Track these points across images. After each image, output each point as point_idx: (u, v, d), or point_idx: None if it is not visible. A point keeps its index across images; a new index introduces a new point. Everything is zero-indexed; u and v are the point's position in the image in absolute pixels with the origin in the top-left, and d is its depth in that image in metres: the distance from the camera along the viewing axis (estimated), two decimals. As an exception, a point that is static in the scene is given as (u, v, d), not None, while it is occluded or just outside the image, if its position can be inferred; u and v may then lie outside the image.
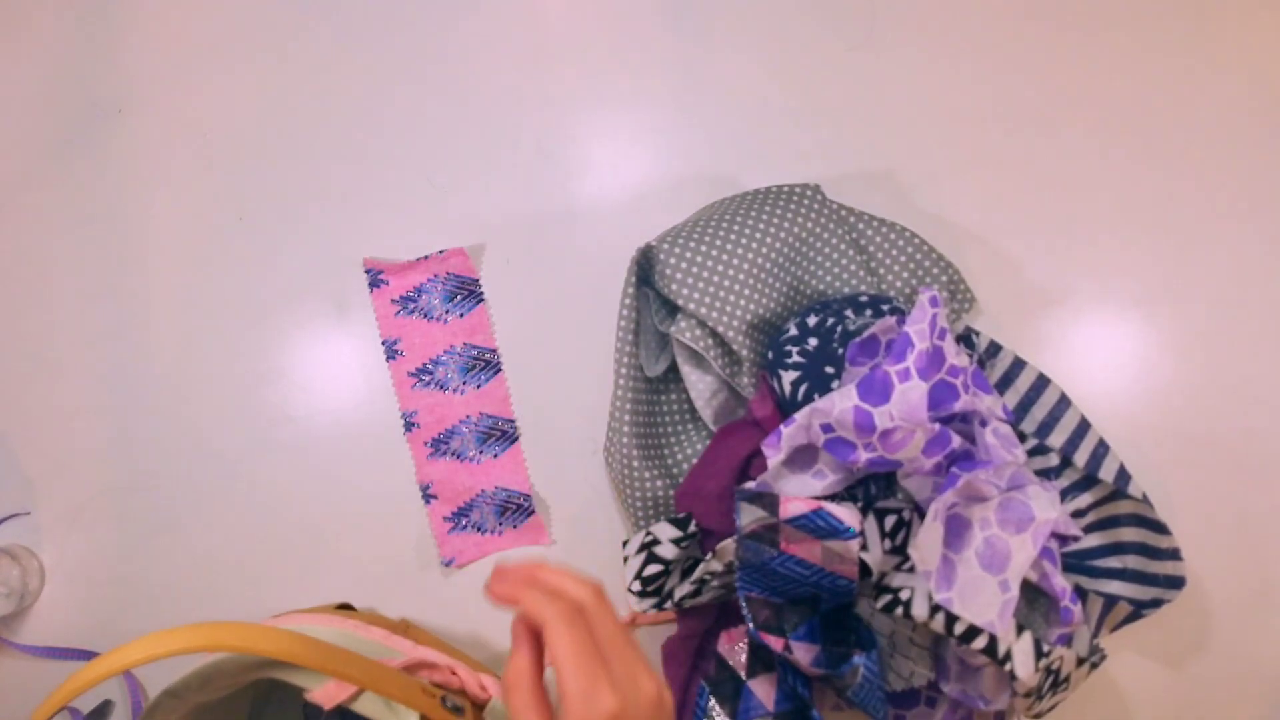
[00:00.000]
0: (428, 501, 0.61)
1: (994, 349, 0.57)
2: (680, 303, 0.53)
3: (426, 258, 0.62)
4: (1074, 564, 0.55)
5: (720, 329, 0.52)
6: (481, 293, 0.63)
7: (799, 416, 0.48)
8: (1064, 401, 0.56)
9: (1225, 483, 0.58)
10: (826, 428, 0.48)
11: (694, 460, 0.57)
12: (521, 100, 0.65)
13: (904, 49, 0.64)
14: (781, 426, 0.49)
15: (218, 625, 0.37)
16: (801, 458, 0.51)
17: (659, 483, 0.54)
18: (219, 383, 0.63)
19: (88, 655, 0.60)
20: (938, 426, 0.47)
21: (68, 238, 0.65)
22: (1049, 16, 0.64)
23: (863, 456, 0.47)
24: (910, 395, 0.46)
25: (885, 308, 0.53)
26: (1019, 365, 0.57)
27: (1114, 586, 0.53)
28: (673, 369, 0.57)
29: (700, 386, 0.56)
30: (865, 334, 0.51)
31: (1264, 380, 0.59)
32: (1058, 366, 0.60)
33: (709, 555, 0.50)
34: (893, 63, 0.64)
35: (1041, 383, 0.56)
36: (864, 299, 0.54)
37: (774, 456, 0.49)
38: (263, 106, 0.66)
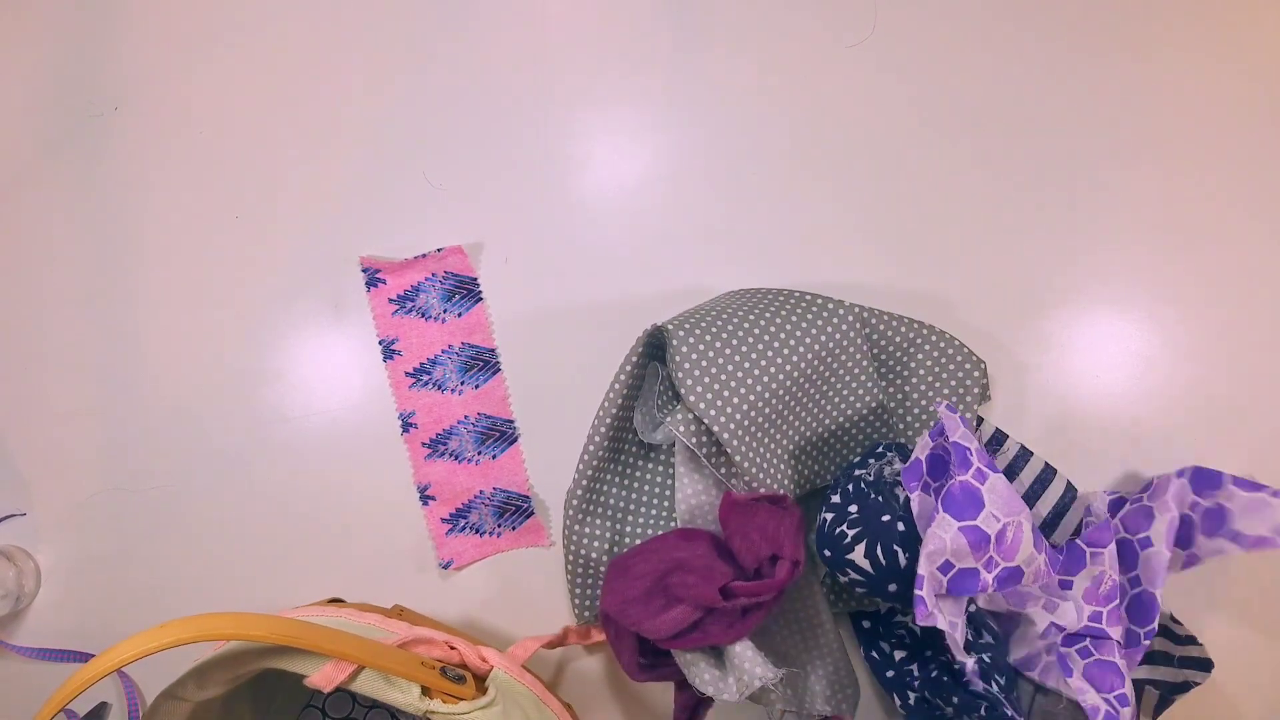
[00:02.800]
0: (425, 503, 0.60)
1: (999, 438, 0.57)
2: (683, 393, 0.50)
3: (424, 256, 0.62)
4: None
5: (716, 429, 0.49)
6: (480, 292, 0.62)
7: (922, 572, 0.45)
8: (1070, 491, 0.56)
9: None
10: (945, 567, 0.45)
11: (643, 536, 0.56)
12: (521, 98, 0.65)
13: (905, 46, 0.64)
14: (919, 595, 0.45)
15: (208, 616, 0.36)
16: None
17: (599, 544, 0.55)
18: (215, 383, 0.62)
19: (84, 657, 0.59)
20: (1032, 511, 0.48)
21: (63, 237, 0.65)
22: (1053, 12, 0.64)
23: (988, 577, 0.45)
24: (998, 489, 0.45)
25: (892, 453, 0.52)
26: (1023, 456, 0.57)
27: (1142, 671, 0.53)
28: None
29: (685, 481, 0.54)
30: (909, 461, 0.49)
31: (1269, 380, 0.59)
32: (1060, 366, 0.59)
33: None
34: (893, 59, 0.64)
35: (1048, 474, 0.56)
36: (879, 449, 0.53)
37: (937, 621, 0.45)
38: (260, 105, 0.65)
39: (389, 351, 0.62)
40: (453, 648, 0.44)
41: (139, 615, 0.61)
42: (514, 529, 0.60)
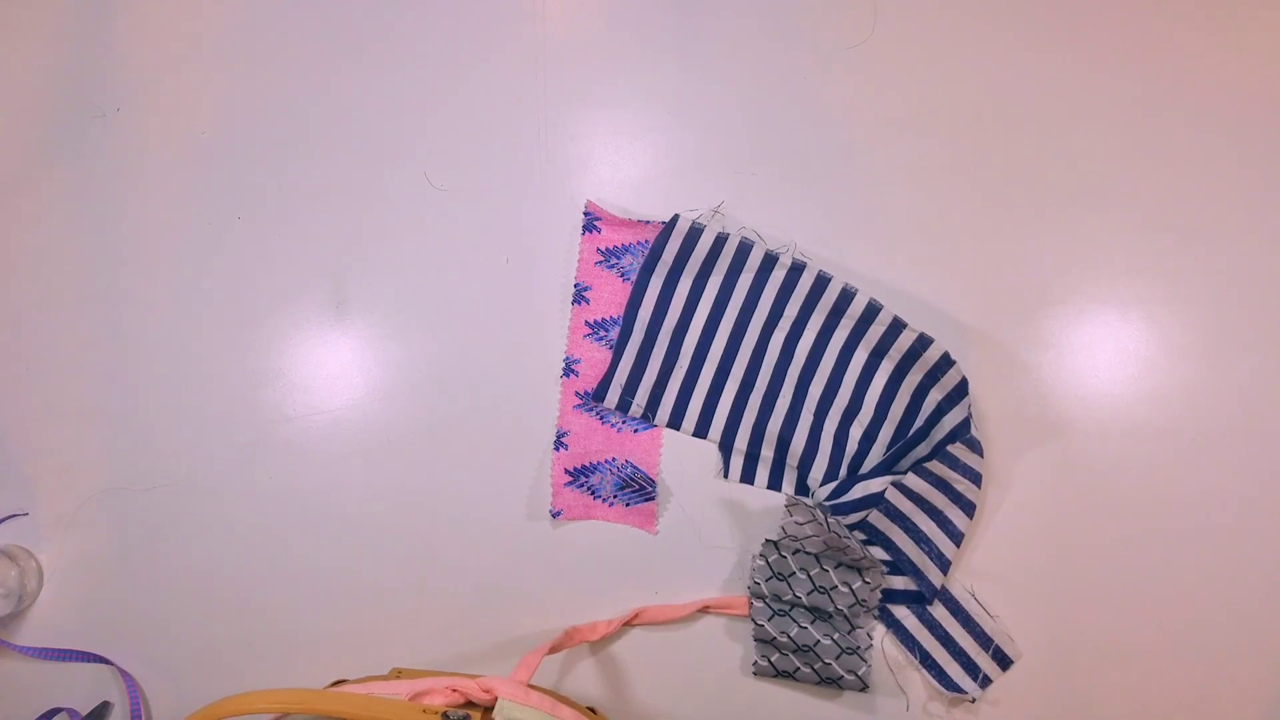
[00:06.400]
0: (557, 448, 0.60)
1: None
2: None
3: (647, 223, 0.62)
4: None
5: None
6: None
7: None
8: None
9: (1227, 483, 0.58)
10: None
11: None
12: (522, 98, 0.65)
13: (905, 46, 0.64)
14: None
15: (216, 704, 0.39)
16: None
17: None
18: (217, 383, 0.63)
19: (86, 656, 0.60)
20: None
21: (64, 236, 0.65)
22: (1053, 13, 0.64)
23: None
24: None
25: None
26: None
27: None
28: None
29: None
30: None
31: (1267, 380, 0.59)
32: (1060, 366, 0.59)
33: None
34: (893, 60, 0.64)
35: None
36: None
37: None
38: (262, 105, 0.66)
39: (579, 296, 0.62)
40: (455, 690, 0.45)
41: (141, 615, 0.61)
42: (627, 505, 0.60)
